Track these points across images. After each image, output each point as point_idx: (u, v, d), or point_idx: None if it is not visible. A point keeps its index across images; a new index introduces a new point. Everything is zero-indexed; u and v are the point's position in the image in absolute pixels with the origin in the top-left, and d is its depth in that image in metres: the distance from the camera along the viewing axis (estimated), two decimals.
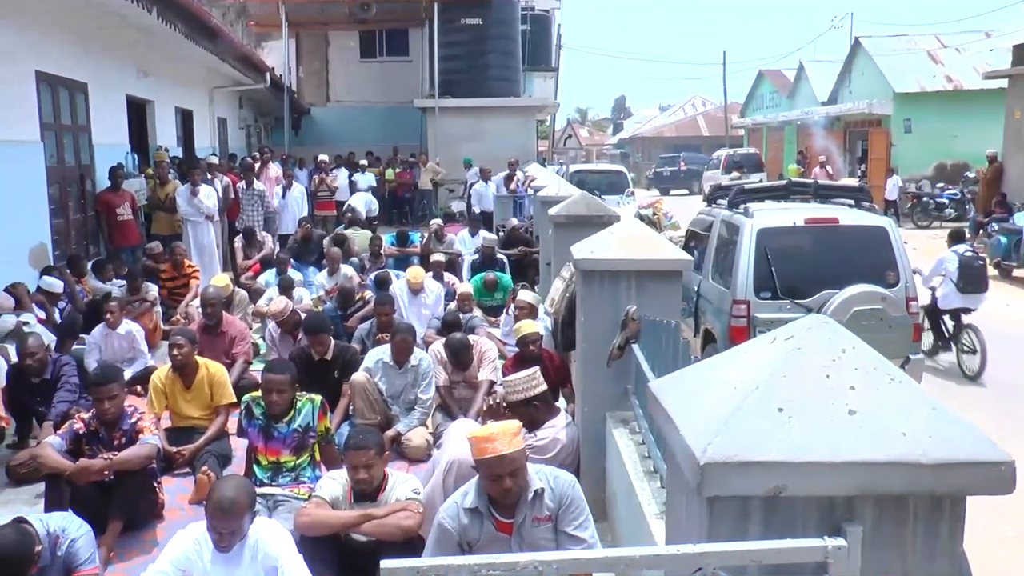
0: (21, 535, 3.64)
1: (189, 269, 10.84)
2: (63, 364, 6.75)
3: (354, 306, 9.29)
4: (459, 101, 23.45)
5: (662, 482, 4.00)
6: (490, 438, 3.59)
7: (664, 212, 20.98)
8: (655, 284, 5.11)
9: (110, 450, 5.21)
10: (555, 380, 6.24)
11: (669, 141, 60.93)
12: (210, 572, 3.75)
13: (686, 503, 2.15)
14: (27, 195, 9.40)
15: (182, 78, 16.45)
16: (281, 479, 5.26)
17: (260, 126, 26.89)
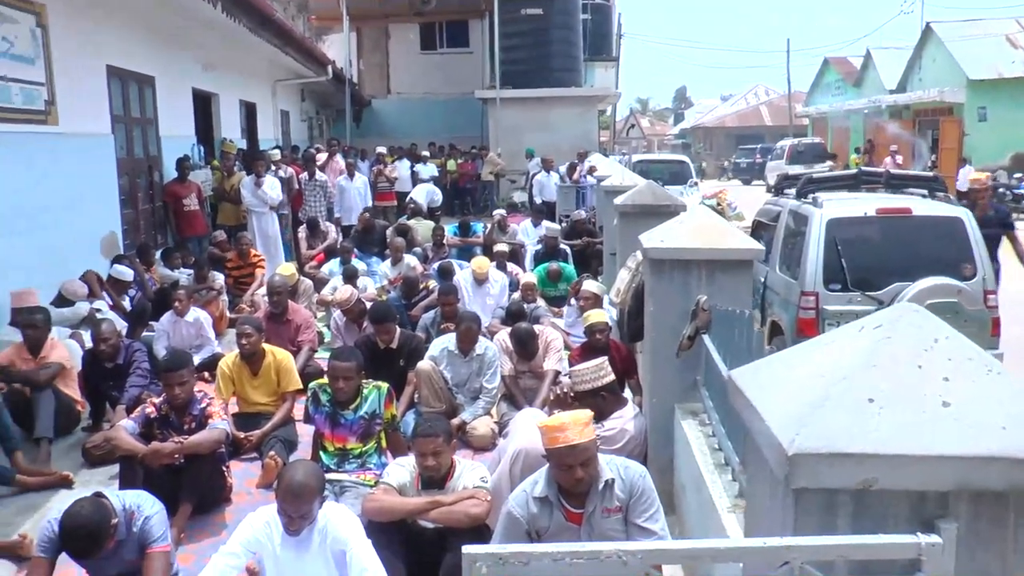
0: (98, 507, 3.71)
1: (255, 258, 10.99)
2: (135, 350, 6.87)
3: (418, 295, 9.32)
4: (520, 92, 23.40)
5: (734, 475, 3.93)
6: (562, 427, 3.55)
7: (728, 203, 20.78)
8: (726, 274, 5.02)
9: (180, 434, 5.29)
10: (621, 371, 6.17)
11: (731, 131, 60.24)
12: (280, 555, 3.77)
13: (769, 495, 2.09)
14: (99, 186, 9.60)
15: (246, 71, 16.66)
16: (347, 465, 5.29)
17: (322, 118, 27.14)
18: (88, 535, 3.63)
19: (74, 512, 3.66)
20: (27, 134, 7.90)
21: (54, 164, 8.37)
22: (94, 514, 3.66)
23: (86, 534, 3.63)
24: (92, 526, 3.63)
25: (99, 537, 3.66)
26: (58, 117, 8.46)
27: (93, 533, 3.63)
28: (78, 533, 3.62)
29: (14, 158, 7.63)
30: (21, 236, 7.67)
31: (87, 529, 3.62)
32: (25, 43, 7.89)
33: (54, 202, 8.30)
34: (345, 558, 3.67)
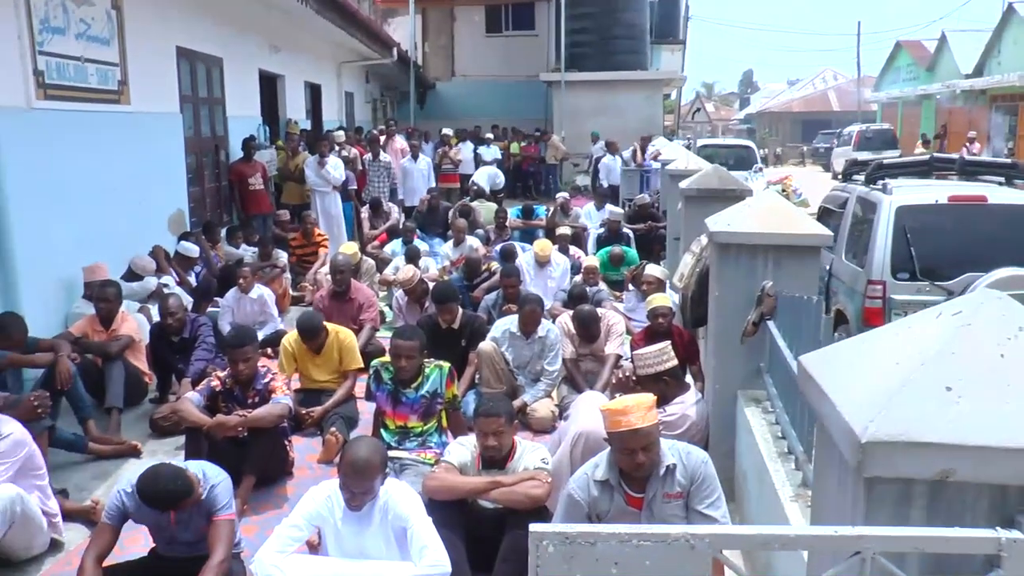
0: (172, 466, 3.81)
1: (318, 237, 11.12)
2: (200, 324, 6.99)
3: (480, 277, 9.34)
4: (585, 75, 23.28)
5: (797, 464, 3.88)
6: (625, 411, 3.52)
7: (793, 188, 20.45)
8: (793, 260, 4.93)
9: (244, 408, 5.39)
10: (683, 357, 6.10)
11: (798, 116, 59.17)
12: (341, 529, 3.81)
13: (838, 483, 2.04)
14: (167, 164, 9.77)
15: (311, 53, 16.79)
16: (408, 444, 5.32)
17: (386, 100, 27.29)
18: (166, 490, 3.70)
19: (152, 470, 3.76)
20: (100, 113, 8.06)
21: (125, 143, 8.53)
22: (170, 471, 3.75)
23: (164, 488, 3.70)
24: (169, 481, 3.71)
25: (178, 491, 3.72)
26: (130, 97, 8.62)
27: (170, 488, 3.70)
28: (156, 486, 3.69)
29: (88, 137, 7.80)
30: (93, 212, 7.84)
31: (163, 484, 3.69)
32: (101, 25, 8.04)
33: (124, 180, 8.46)
34: (406, 535, 3.70)
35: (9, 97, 6.60)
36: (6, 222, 6.55)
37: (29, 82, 6.87)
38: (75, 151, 7.56)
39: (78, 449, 5.76)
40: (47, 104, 7.10)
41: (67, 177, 7.41)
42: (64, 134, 7.39)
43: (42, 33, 7.02)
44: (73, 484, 5.41)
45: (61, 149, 7.33)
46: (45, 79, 7.08)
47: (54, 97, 7.22)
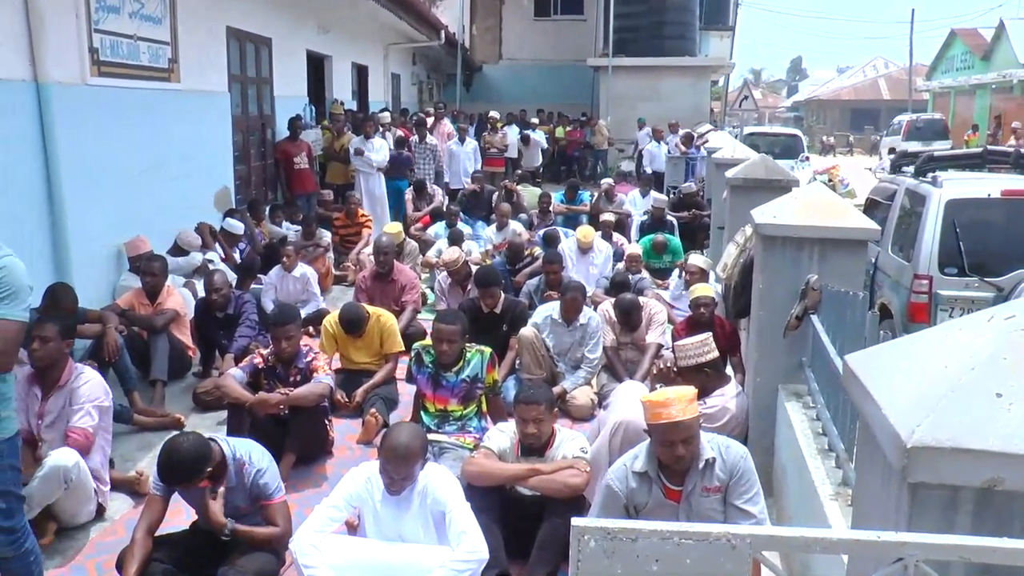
0: (198, 443, 3.82)
1: (362, 218, 11.18)
2: (244, 301, 7.08)
3: (523, 261, 9.34)
4: (633, 60, 23.11)
5: (838, 462, 3.84)
6: (666, 403, 3.51)
7: (840, 179, 20.18)
8: (839, 253, 4.86)
9: (286, 386, 5.45)
10: (724, 348, 6.07)
11: (847, 104, 58.29)
12: (380, 511, 3.85)
13: (881, 486, 2.02)
14: (215, 142, 9.89)
15: (359, 35, 16.86)
16: (447, 427, 5.34)
17: (432, 82, 27.31)
18: (176, 464, 3.75)
19: (174, 442, 3.80)
20: (151, 91, 8.16)
21: (174, 120, 8.64)
22: (191, 447, 3.77)
23: (175, 462, 3.74)
24: (183, 456, 3.74)
25: (186, 468, 3.76)
26: (180, 75, 8.72)
27: (182, 463, 3.74)
28: (168, 460, 3.75)
29: (138, 113, 7.91)
30: (142, 187, 7.96)
31: (176, 459, 3.74)
32: (154, 4, 8.14)
33: (173, 156, 8.58)
34: (444, 519, 3.72)
35: (65, 73, 6.71)
36: (59, 195, 6.67)
37: (84, 59, 6.99)
38: (126, 127, 7.68)
39: (123, 420, 5.86)
40: (100, 81, 7.22)
41: (117, 152, 7.52)
42: (116, 110, 7.50)
43: (98, 12, 7.13)
44: (119, 455, 5.52)
45: (112, 125, 7.45)
46: (99, 56, 7.19)
47: (107, 74, 7.34)
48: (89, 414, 4.61)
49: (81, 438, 4.55)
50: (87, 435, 4.59)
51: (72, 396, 4.67)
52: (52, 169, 6.62)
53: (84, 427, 4.57)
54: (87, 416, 4.60)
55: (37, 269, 6.46)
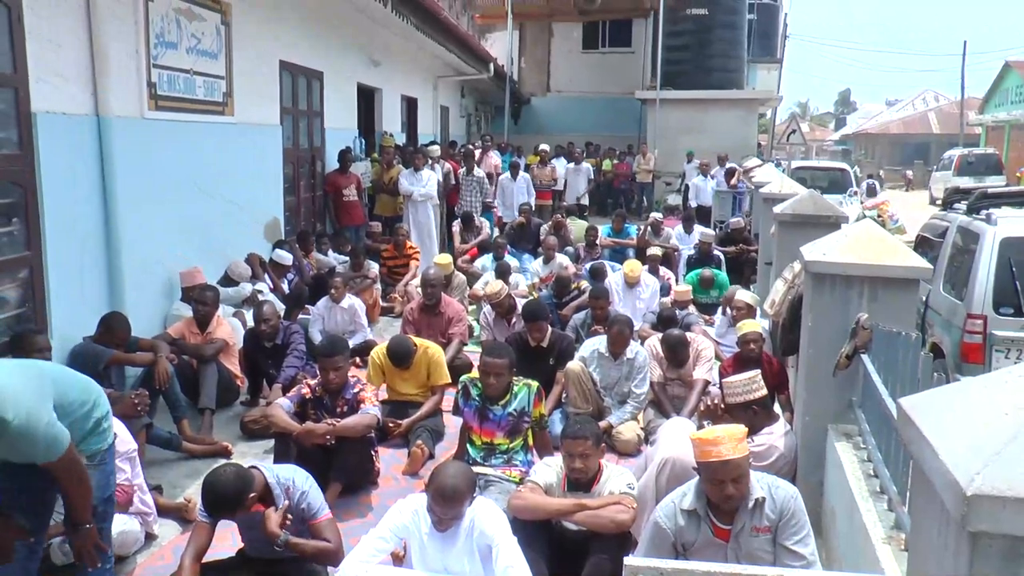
0: (240, 474, 3.88)
1: (410, 250, 11.27)
2: (292, 332, 7.15)
3: (569, 295, 9.33)
4: (681, 93, 23.12)
5: (890, 504, 3.77)
6: (716, 441, 3.48)
7: (890, 214, 19.96)
8: (889, 292, 4.80)
9: (333, 416, 5.47)
10: (773, 385, 6.01)
11: (896, 138, 57.62)
12: (427, 544, 3.85)
13: (938, 534, 1.99)
14: (266, 173, 10.04)
15: (409, 67, 17.08)
16: (493, 460, 5.33)
17: (480, 114, 27.53)
18: (220, 496, 3.82)
19: (216, 474, 3.87)
20: (206, 124, 8.33)
21: (227, 152, 8.80)
22: (233, 479, 3.84)
23: (218, 494, 3.81)
24: (225, 488, 3.81)
25: (229, 500, 3.82)
26: (234, 108, 8.89)
27: (225, 495, 3.81)
28: (211, 492, 3.82)
29: (193, 146, 8.06)
30: (195, 218, 8.10)
31: (220, 491, 3.81)
32: (210, 40, 8.33)
33: (225, 188, 8.72)
34: (491, 553, 3.72)
35: (125, 107, 6.88)
36: (116, 225, 6.82)
37: (143, 93, 7.16)
38: (181, 159, 7.83)
39: (173, 447, 5.94)
40: (157, 114, 7.38)
41: (172, 184, 7.67)
42: (171, 143, 7.66)
43: (156, 47, 7.31)
44: (167, 481, 5.60)
45: (168, 157, 7.60)
46: (157, 90, 7.36)
47: (164, 108, 7.50)
48: (122, 470, 4.63)
49: (120, 495, 4.60)
50: (124, 490, 4.64)
51: None
52: (109, 200, 6.78)
53: (120, 483, 4.62)
54: (120, 471, 4.63)
55: (93, 297, 6.64)
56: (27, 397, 3.07)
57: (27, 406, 3.04)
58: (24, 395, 3.06)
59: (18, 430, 3.03)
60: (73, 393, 3.43)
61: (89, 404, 3.51)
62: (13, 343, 5.39)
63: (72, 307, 6.33)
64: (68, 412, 3.36)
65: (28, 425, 3.05)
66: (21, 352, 5.22)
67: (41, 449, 3.18)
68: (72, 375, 3.59)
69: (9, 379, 3.08)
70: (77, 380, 3.56)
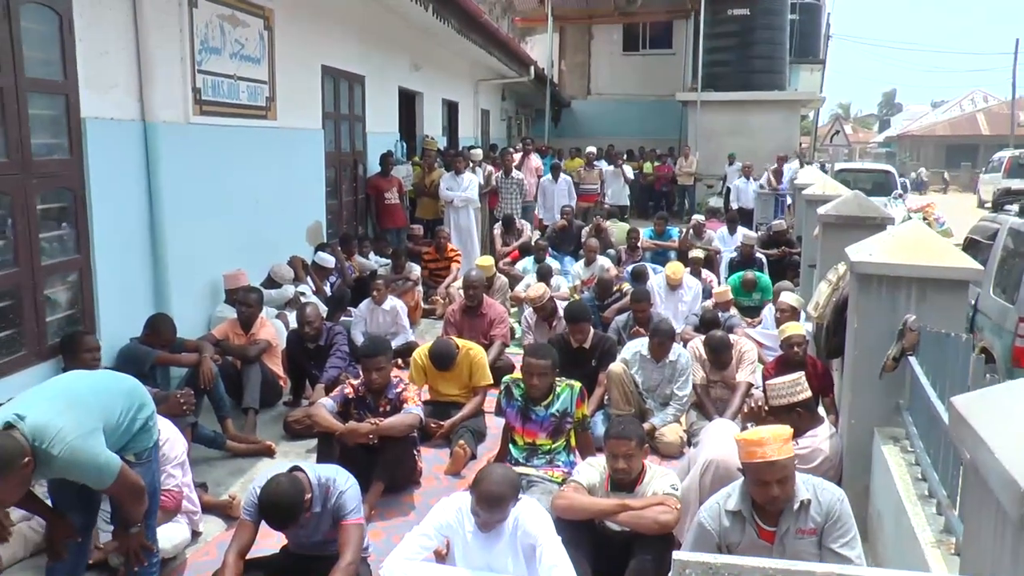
0: (294, 483, 3.91)
1: (451, 253, 11.31)
2: (335, 333, 7.20)
3: (611, 297, 9.31)
4: (722, 95, 22.97)
5: (939, 508, 3.71)
6: (761, 442, 3.45)
7: (936, 217, 19.67)
8: (938, 294, 4.72)
9: (376, 416, 5.50)
10: (817, 388, 5.95)
11: (941, 140, 56.65)
12: (470, 542, 3.86)
13: (995, 535, 1.95)
14: (308, 177, 10.10)
15: (450, 71, 17.13)
16: (536, 460, 5.33)
17: (521, 118, 27.55)
18: (284, 509, 3.85)
19: (272, 487, 3.88)
20: (249, 128, 8.40)
21: (270, 156, 8.87)
22: (290, 489, 3.87)
23: (282, 508, 3.84)
24: (287, 501, 3.84)
25: (292, 511, 3.86)
26: (276, 113, 8.96)
27: (288, 507, 3.85)
28: (275, 508, 3.84)
29: (236, 150, 8.13)
30: (238, 221, 8.17)
31: (283, 504, 3.84)
32: (253, 45, 8.41)
33: (268, 191, 8.79)
34: (534, 552, 3.72)
35: (170, 113, 6.96)
36: (161, 228, 6.90)
37: (188, 99, 7.24)
38: (224, 164, 7.91)
39: (217, 446, 6.01)
40: (202, 120, 7.46)
41: (215, 188, 7.75)
42: (215, 147, 7.74)
43: (201, 53, 7.40)
44: (211, 479, 5.67)
45: (212, 162, 7.68)
46: (201, 96, 7.44)
47: (208, 113, 7.59)
48: (172, 475, 4.69)
49: (169, 501, 4.66)
50: (174, 496, 4.70)
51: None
52: (155, 203, 6.87)
53: (169, 488, 4.67)
54: (170, 477, 4.68)
55: (139, 299, 6.73)
56: (72, 431, 3.15)
57: (71, 443, 3.12)
58: (69, 430, 3.14)
59: (65, 463, 3.13)
60: (119, 406, 3.49)
61: (135, 408, 3.57)
62: (64, 344, 5.49)
63: (119, 309, 6.42)
64: (117, 426, 3.44)
65: (74, 459, 3.14)
66: (72, 353, 5.32)
67: (92, 478, 3.28)
68: (117, 384, 3.64)
69: (56, 416, 3.16)
70: (122, 388, 3.61)
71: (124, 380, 3.69)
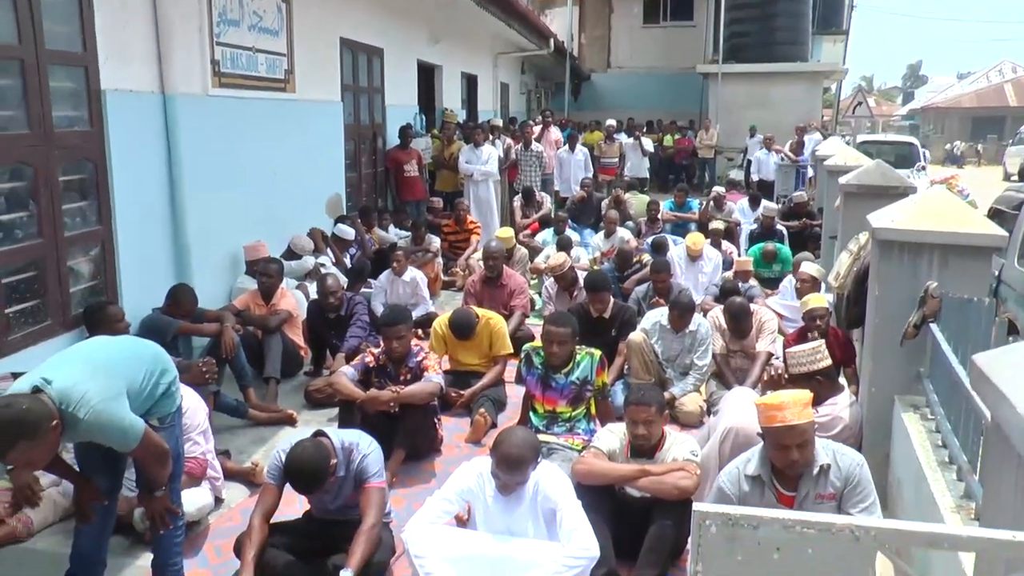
0: (319, 448, 3.96)
1: (471, 225, 11.31)
2: (356, 303, 7.24)
3: (631, 268, 9.30)
4: (743, 66, 22.80)
5: (959, 474, 3.70)
6: (781, 406, 3.45)
7: (959, 189, 19.48)
8: (961, 261, 4.67)
9: (396, 384, 5.52)
10: (839, 358, 5.92)
11: (967, 112, 55.79)
12: (490, 507, 3.88)
13: (1016, 489, 1.95)
14: (328, 150, 10.13)
15: (469, 44, 17.08)
16: (556, 428, 5.34)
17: (540, 91, 27.44)
18: (310, 474, 3.90)
19: (297, 453, 3.93)
20: (268, 101, 8.42)
21: (289, 129, 8.88)
22: (315, 454, 3.91)
23: (308, 473, 3.89)
24: (313, 466, 3.89)
25: (318, 475, 3.91)
26: (295, 85, 8.96)
27: (314, 472, 3.90)
28: (301, 472, 3.89)
29: (255, 122, 8.15)
30: (257, 193, 8.21)
31: (309, 468, 3.89)
32: (271, 17, 8.40)
33: (287, 164, 8.82)
34: (554, 516, 3.73)
35: (189, 85, 6.98)
36: (181, 200, 6.94)
37: (207, 71, 7.26)
38: (243, 136, 7.93)
39: (239, 415, 6.08)
40: (221, 92, 7.48)
41: (235, 160, 7.78)
42: (234, 120, 7.77)
43: (219, 25, 7.41)
44: (234, 447, 5.73)
45: (231, 134, 7.71)
46: (220, 68, 7.46)
47: (227, 85, 7.60)
48: (197, 443, 4.74)
49: (195, 467, 4.72)
50: (199, 463, 4.76)
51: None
52: (175, 176, 6.90)
53: (194, 455, 4.72)
54: (195, 444, 4.73)
55: (160, 270, 6.78)
56: (97, 395, 3.19)
57: (96, 406, 3.16)
58: (94, 393, 3.18)
59: (90, 426, 3.16)
60: (143, 371, 3.53)
61: (157, 373, 3.61)
62: (89, 314, 5.55)
63: (141, 280, 6.48)
64: (141, 391, 3.48)
65: (99, 422, 3.18)
66: (99, 323, 5.37)
67: (117, 441, 3.32)
68: (140, 350, 3.68)
69: (81, 380, 3.20)
70: (145, 353, 3.65)
71: (147, 346, 3.73)
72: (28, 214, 5.44)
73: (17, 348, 5.20)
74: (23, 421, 2.97)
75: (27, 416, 2.98)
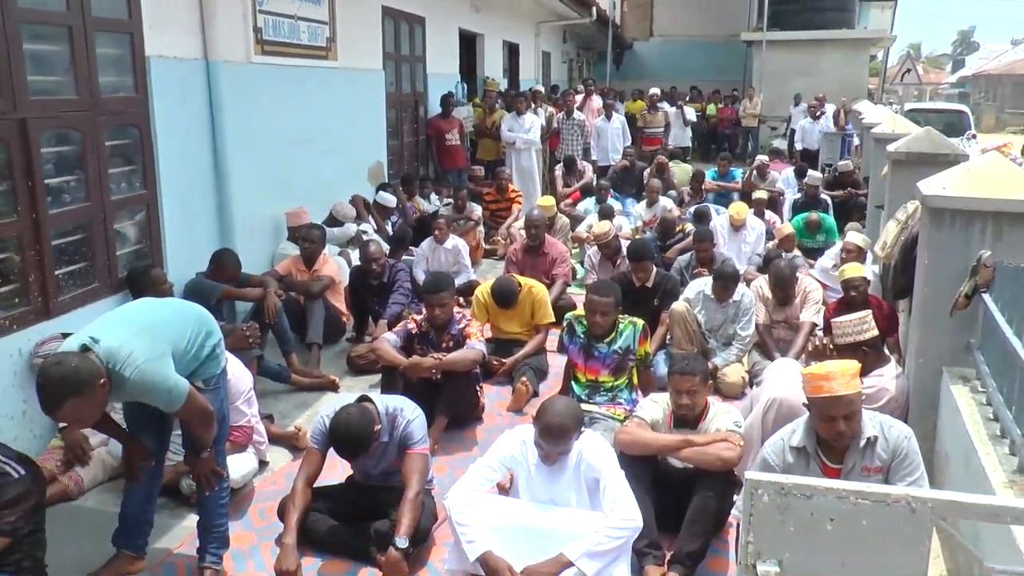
0: (363, 413, 4.00)
1: (513, 194, 11.29)
2: (398, 270, 7.26)
3: (674, 238, 9.24)
4: (788, 34, 22.44)
5: (1012, 448, 3.62)
6: (828, 376, 3.40)
7: (1012, 157, 19.08)
8: (1017, 229, 4.54)
9: (439, 351, 5.54)
10: (883, 329, 5.82)
11: (1021, 79, 54.57)
12: (533, 475, 3.88)
13: None
14: (369, 118, 10.12)
15: (511, 13, 16.96)
16: (598, 398, 5.34)
17: (582, 60, 27.24)
18: (355, 439, 3.94)
19: (342, 418, 3.96)
20: (310, 68, 8.41)
21: (331, 97, 8.88)
22: (360, 419, 3.95)
23: (353, 438, 3.93)
24: (358, 431, 3.93)
25: (363, 440, 3.95)
26: (337, 53, 8.95)
27: (359, 437, 3.94)
28: (346, 437, 3.93)
29: (298, 90, 8.16)
30: (300, 160, 8.23)
31: (354, 433, 3.93)
32: None
33: (329, 131, 8.82)
34: (597, 486, 3.72)
35: (232, 52, 7.00)
36: (225, 166, 6.98)
37: (249, 39, 7.27)
38: (286, 103, 7.95)
39: (282, 380, 6.13)
40: (263, 59, 7.49)
41: (278, 127, 7.80)
42: (277, 87, 7.78)
43: None
44: (277, 411, 5.80)
45: (274, 101, 7.72)
46: (263, 36, 7.46)
47: (270, 52, 7.61)
48: (240, 412, 4.78)
49: (241, 436, 4.77)
50: (245, 432, 4.82)
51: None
52: (219, 142, 6.94)
53: (240, 424, 4.77)
54: (241, 414, 4.78)
55: (204, 235, 6.84)
56: (143, 355, 3.23)
57: (141, 366, 3.21)
58: (140, 353, 3.22)
59: (136, 385, 3.22)
60: (188, 332, 3.56)
61: (203, 335, 3.64)
62: (133, 278, 5.61)
63: (185, 244, 6.53)
64: (186, 352, 3.52)
65: (144, 381, 3.23)
66: (143, 286, 5.44)
67: (163, 401, 3.36)
68: (185, 312, 3.72)
69: (127, 340, 3.25)
70: (190, 315, 3.68)
71: (192, 308, 3.76)
72: (76, 178, 5.49)
73: (66, 309, 5.27)
74: (73, 378, 3.03)
75: (77, 373, 3.04)
